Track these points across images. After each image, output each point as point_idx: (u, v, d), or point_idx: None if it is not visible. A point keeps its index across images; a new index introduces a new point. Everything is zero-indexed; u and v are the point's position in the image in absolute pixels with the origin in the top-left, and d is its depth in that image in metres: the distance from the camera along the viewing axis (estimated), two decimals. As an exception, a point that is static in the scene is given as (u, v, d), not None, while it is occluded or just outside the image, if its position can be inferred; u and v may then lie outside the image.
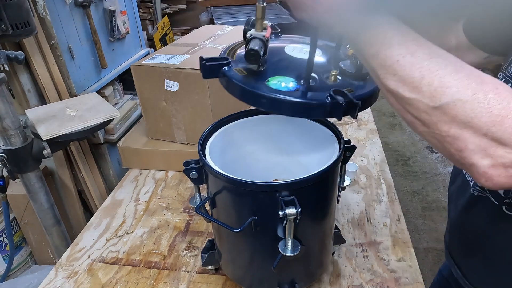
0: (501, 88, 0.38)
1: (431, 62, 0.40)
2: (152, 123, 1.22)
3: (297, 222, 0.58)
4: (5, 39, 1.07)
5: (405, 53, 0.41)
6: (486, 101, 0.38)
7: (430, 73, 0.40)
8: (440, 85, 0.39)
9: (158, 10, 3.38)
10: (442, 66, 0.40)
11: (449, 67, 0.40)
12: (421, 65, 0.40)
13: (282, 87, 0.55)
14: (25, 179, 1.19)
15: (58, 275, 0.85)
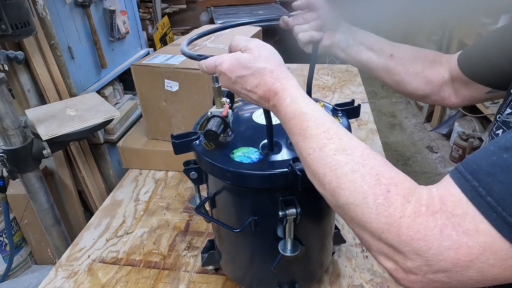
0: (393, 191, 0.37)
1: (333, 160, 0.40)
2: (152, 123, 1.22)
3: (297, 222, 0.58)
4: (5, 39, 1.07)
5: (315, 147, 0.42)
6: (374, 207, 0.37)
7: (330, 172, 0.40)
8: (337, 186, 0.40)
9: (158, 10, 3.38)
10: (342, 164, 0.40)
11: (348, 165, 0.40)
12: (325, 161, 0.41)
13: (246, 159, 0.57)
14: (25, 179, 1.18)
15: (58, 275, 0.85)
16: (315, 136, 0.43)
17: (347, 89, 1.70)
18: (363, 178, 0.39)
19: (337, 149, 0.41)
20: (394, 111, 3.55)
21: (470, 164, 0.36)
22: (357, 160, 0.40)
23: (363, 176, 0.39)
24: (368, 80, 4.10)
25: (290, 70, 0.52)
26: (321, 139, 0.42)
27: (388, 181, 0.38)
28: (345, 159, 0.40)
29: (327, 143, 0.42)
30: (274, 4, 3.28)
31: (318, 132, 0.43)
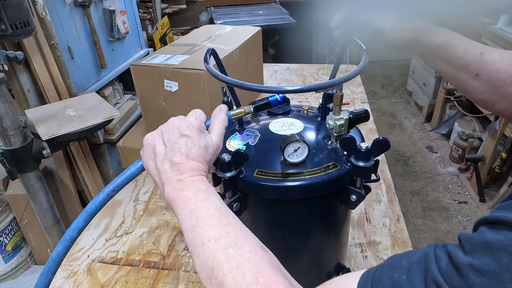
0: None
1: (224, 253, 0.40)
2: (152, 123, 1.22)
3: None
4: (4, 39, 1.07)
5: (211, 237, 0.41)
6: None
7: (218, 267, 0.39)
8: (221, 282, 0.39)
9: (158, 10, 3.38)
10: (230, 259, 0.39)
11: (235, 260, 0.39)
12: (216, 254, 0.40)
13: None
14: (25, 179, 1.19)
15: (57, 275, 0.85)
16: (216, 226, 0.42)
17: (347, 89, 1.70)
18: (244, 276, 0.38)
19: (230, 243, 0.41)
20: (394, 111, 3.55)
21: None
22: (245, 255, 0.40)
23: (244, 274, 0.38)
24: (368, 80, 4.10)
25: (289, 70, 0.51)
26: (220, 231, 0.41)
27: (264, 280, 0.38)
28: (234, 254, 0.40)
29: (223, 235, 0.41)
30: (274, 4, 3.28)
31: (220, 223, 0.42)
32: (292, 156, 0.57)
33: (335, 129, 0.61)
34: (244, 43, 1.27)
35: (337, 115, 0.61)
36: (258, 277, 0.38)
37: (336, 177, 0.57)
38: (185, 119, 0.50)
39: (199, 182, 0.45)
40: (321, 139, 0.64)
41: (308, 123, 0.67)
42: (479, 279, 0.28)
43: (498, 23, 2.15)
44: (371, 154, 0.56)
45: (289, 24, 2.65)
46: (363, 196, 0.60)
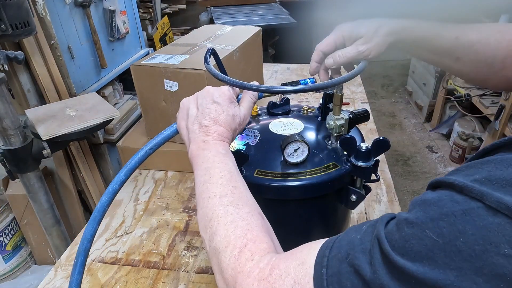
0: (248, 246, 0.40)
1: (224, 209, 0.43)
2: (152, 123, 1.22)
3: None
4: (4, 39, 1.07)
5: (218, 194, 0.45)
6: (228, 257, 0.40)
7: (216, 218, 0.43)
8: (215, 232, 0.42)
9: (158, 10, 3.38)
10: (228, 215, 0.43)
11: (232, 216, 0.42)
12: (217, 208, 0.44)
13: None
14: (25, 179, 1.19)
15: (57, 275, 0.85)
16: (224, 186, 0.46)
17: (347, 89, 1.70)
18: (235, 230, 0.41)
19: (232, 202, 0.44)
20: (394, 111, 3.55)
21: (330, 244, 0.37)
22: (241, 214, 0.43)
23: (236, 228, 0.41)
24: (368, 80, 4.10)
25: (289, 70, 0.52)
26: (227, 190, 0.45)
27: (252, 237, 0.41)
28: (232, 211, 0.43)
29: (228, 194, 0.45)
30: (274, 4, 3.28)
31: (229, 184, 0.46)
32: (292, 156, 0.57)
33: (335, 129, 0.61)
34: (244, 43, 1.27)
35: (337, 115, 0.61)
36: (246, 233, 0.41)
37: (336, 177, 0.57)
38: (219, 88, 0.54)
39: (220, 146, 0.49)
40: (321, 139, 0.64)
41: (308, 123, 0.67)
42: (409, 230, 0.30)
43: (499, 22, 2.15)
44: (371, 154, 0.56)
45: (289, 24, 2.65)
46: (363, 196, 0.60)
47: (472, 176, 0.29)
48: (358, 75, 0.58)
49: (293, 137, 0.56)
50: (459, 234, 0.27)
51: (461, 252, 0.26)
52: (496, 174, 0.28)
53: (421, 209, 0.31)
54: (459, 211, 0.28)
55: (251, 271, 0.38)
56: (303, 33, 2.93)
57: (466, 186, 0.29)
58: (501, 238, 0.25)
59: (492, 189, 0.27)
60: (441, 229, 0.28)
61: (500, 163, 0.29)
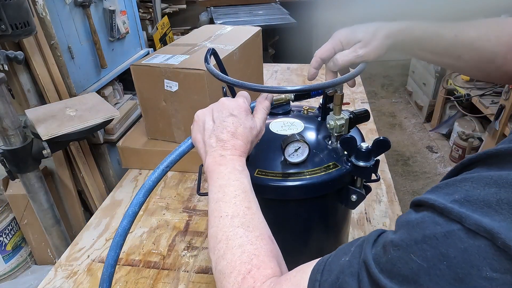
0: (252, 273, 0.40)
1: (234, 231, 0.43)
2: (152, 123, 1.22)
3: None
4: (4, 39, 1.07)
5: (229, 213, 0.45)
6: (232, 283, 0.40)
7: (225, 240, 0.43)
8: (222, 255, 0.42)
9: (158, 10, 3.38)
10: (237, 237, 0.43)
11: (241, 239, 0.42)
12: (227, 229, 0.43)
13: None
14: (24, 179, 1.19)
15: (57, 275, 0.85)
16: (237, 206, 0.45)
17: (346, 89, 1.70)
18: (242, 254, 0.41)
19: (243, 223, 0.44)
20: (394, 111, 3.55)
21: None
22: (250, 238, 0.42)
23: (243, 253, 0.41)
24: (368, 80, 4.10)
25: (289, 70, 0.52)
26: (239, 211, 0.45)
27: (257, 263, 0.41)
28: (242, 234, 0.43)
29: (240, 215, 0.44)
30: (274, 4, 3.28)
31: (242, 204, 0.45)
32: (293, 156, 0.57)
33: (335, 129, 0.61)
34: (244, 43, 1.27)
35: (338, 115, 0.61)
36: (252, 259, 0.41)
37: (337, 177, 0.57)
38: (234, 100, 0.53)
39: (237, 162, 0.49)
40: (321, 139, 0.64)
41: (308, 123, 0.67)
42: (396, 253, 0.30)
43: (498, 23, 2.15)
44: (371, 154, 0.56)
45: (289, 24, 2.65)
46: (364, 196, 0.60)
47: (452, 196, 0.29)
48: (357, 76, 0.58)
49: (294, 137, 0.56)
50: (442, 258, 0.27)
51: (445, 276, 0.26)
52: (474, 194, 0.28)
53: (406, 231, 0.31)
54: (441, 233, 0.28)
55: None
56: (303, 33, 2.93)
57: (446, 207, 0.28)
58: (482, 261, 0.25)
59: (471, 210, 0.27)
60: (425, 252, 0.28)
61: (477, 182, 0.29)
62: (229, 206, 0.45)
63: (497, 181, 0.27)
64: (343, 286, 0.33)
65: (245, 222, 0.44)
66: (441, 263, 0.27)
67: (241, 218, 0.44)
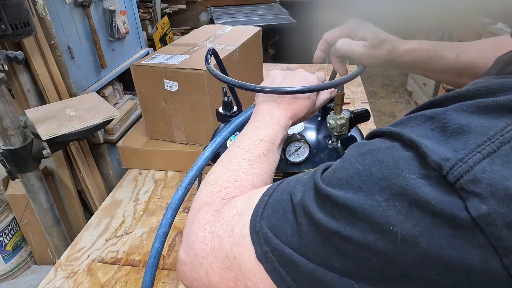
0: (231, 189, 0.44)
1: (238, 160, 0.47)
2: (152, 123, 1.22)
3: None
4: (4, 39, 1.07)
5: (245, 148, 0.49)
6: (210, 192, 0.44)
7: (227, 162, 0.48)
8: (215, 170, 0.48)
9: (158, 10, 3.38)
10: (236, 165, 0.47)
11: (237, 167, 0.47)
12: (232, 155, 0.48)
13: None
14: (24, 179, 1.19)
15: (57, 275, 0.85)
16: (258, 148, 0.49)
17: (347, 89, 1.70)
18: (229, 176, 0.45)
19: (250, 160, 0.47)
20: (394, 111, 3.55)
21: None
22: (246, 170, 0.46)
23: (231, 175, 0.45)
24: (368, 80, 4.10)
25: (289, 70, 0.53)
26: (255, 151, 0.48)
27: (238, 185, 0.44)
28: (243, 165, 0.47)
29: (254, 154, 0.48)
30: (274, 4, 3.28)
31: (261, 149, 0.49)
32: (294, 155, 0.57)
33: (336, 129, 0.61)
34: (244, 43, 1.27)
35: (338, 114, 0.61)
36: (235, 181, 0.45)
37: None
38: (311, 75, 0.59)
39: (283, 119, 0.52)
40: (321, 138, 0.64)
41: (309, 122, 0.67)
42: (339, 163, 0.34)
43: (498, 23, 2.15)
44: None
45: (289, 24, 2.65)
46: None
47: (398, 126, 0.33)
48: (355, 78, 0.58)
49: (294, 136, 0.56)
50: (377, 163, 0.30)
51: (373, 175, 0.30)
52: (413, 125, 0.32)
53: (354, 148, 0.34)
54: (384, 147, 0.31)
55: (214, 204, 0.42)
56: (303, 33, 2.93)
57: (392, 130, 0.32)
58: (406, 165, 0.29)
59: (409, 131, 0.31)
60: (364, 160, 0.31)
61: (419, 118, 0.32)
62: (249, 143, 0.48)
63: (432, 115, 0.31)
64: (291, 191, 0.35)
65: (252, 159, 0.47)
66: (374, 166, 0.30)
67: (251, 156, 0.47)
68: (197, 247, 0.38)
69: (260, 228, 0.35)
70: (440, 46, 0.63)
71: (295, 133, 0.58)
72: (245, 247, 0.35)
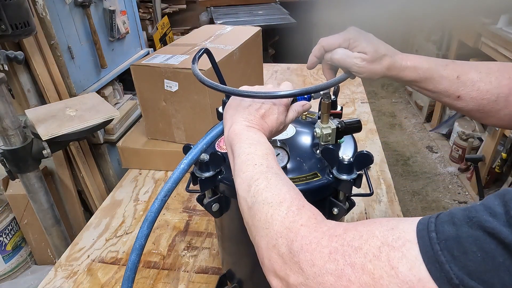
0: (307, 207, 0.39)
1: (272, 174, 0.43)
2: (152, 123, 1.22)
3: None
4: (4, 39, 1.07)
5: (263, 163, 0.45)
6: (285, 212, 0.38)
7: (265, 179, 0.43)
8: (263, 188, 0.42)
9: (158, 10, 3.38)
10: (278, 179, 0.43)
11: (281, 180, 0.43)
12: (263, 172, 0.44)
13: None
14: (24, 179, 1.19)
15: (57, 275, 0.85)
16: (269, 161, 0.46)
17: (346, 89, 1.70)
18: (289, 191, 0.41)
19: (277, 173, 0.44)
20: (394, 111, 3.55)
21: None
22: (287, 183, 0.43)
23: (289, 190, 0.41)
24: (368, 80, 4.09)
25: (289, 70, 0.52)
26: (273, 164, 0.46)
27: (307, 204, 0.40)
28: (283, 177, 0.44)
29: (274, 167, 0.45)
30: (274, 4, 3.28)
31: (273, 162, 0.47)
32: None
33: (322, 138, 0.59)
34: (244, 43, 1.27)
35: (325, 123, 0.59)
36: (301, 198, 0.40)
37: (316, 187, 0.55)
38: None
39: (263, 135, 0.50)
40: (310, 147, 0.63)
41: (303, 128, 0.66)
42: None
43: (498, 23, 2.15)
44: (353, 167, 0.54)
45: (289, 24, 2.65)
46: (344, 210, 0.58)
47: None
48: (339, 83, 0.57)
49: (274, 142, 0.55)
50: None
51: None
52: None
53: None
54: None
55: (318, 227, 0.36)
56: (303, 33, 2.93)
57: None
58: None
59: None
60: None
61: None
62: (262, 159, 0.45)
63: None
64: (483, 224, 0.28)
65: (279, 173, 0.44)
66: None
67: (275, 170, 0.44)
68: (332, 282, 0.32)
69: (460, 280, 0.27)
70: (442, 65, 0.62)
71: (276, 139, 0.57)
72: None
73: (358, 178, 0.55)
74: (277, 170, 0.45)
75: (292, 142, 0.60)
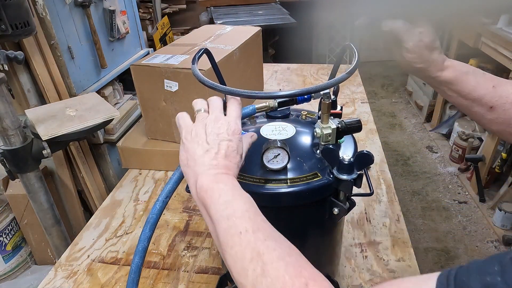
0: (311, 285, 0.37)
1: (264, 244, 0.40)
2: (152, 123, 1.22)
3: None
4: (4, 39, 1.07)
5: (249, 228, 0.41)
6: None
7: (257, 257, 0.39)
8: (261, 273, 0.38)
9: (158, 10, 3.38)
10: (271, 250, 0.39)
11: (276, 251, 0.39)
12: (255, 245, 0.40)
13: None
14: (24, 179, 1.19)
15: (57, 275, 0.85)
16: (253, 220, 0.42)
17: (346, 89, 1.70)
18: (287, 267, 0.38)
19: (268, 236, 0.41)
20: (394, 111, 3.55)
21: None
22: (285, 249, 0.40)
23: (287, 265, 0.38)
24: (368, 80, 4.10)
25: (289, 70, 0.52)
26: (258, 224, 0.42)
27: (309, 275, 0.38)
28: (274, 246, 0.40)
29: (261, 228, 0.41)
30: (274, 4, 3.28)
31: (256, 217, 0.43)
32: (272, 162, 0.55)
33: (321, 138, 0.59)
34: (244, 43, 1.27)
35: (325, 123, 0.58)
36: (301, 271, 0.38)
37: (316, 187, 0.55)
38: (228, 123, 0.51)
39: (234, 180, 0.47)
40: (310, 147, 0.62)
41: (303, 128, 0.66)
42: None
43: (498, 23, 2.15)
44: (353, 167, 0.54)
45: (289, 24, 2.65)
46: (345, 210, 0.58)
47: None
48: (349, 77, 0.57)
49: (275, 142, 0.55)
50: None
51: None
52: None
53: None
54: None
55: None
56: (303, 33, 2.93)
57: None
58: None
59: None
60: None
61: None
62: (245, 221, 0.42)
63: None
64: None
65: (270, 234, 0.41)
66: None
67: (264, 231, 0.41)
68: None
69: None
70: (479, 72, 0.61)
71: (277, 139, 0.57)
72: None
73: (358, 178, 0.54)
74: (264, 230, 0.41)
75: (292, 142, 0.60)
